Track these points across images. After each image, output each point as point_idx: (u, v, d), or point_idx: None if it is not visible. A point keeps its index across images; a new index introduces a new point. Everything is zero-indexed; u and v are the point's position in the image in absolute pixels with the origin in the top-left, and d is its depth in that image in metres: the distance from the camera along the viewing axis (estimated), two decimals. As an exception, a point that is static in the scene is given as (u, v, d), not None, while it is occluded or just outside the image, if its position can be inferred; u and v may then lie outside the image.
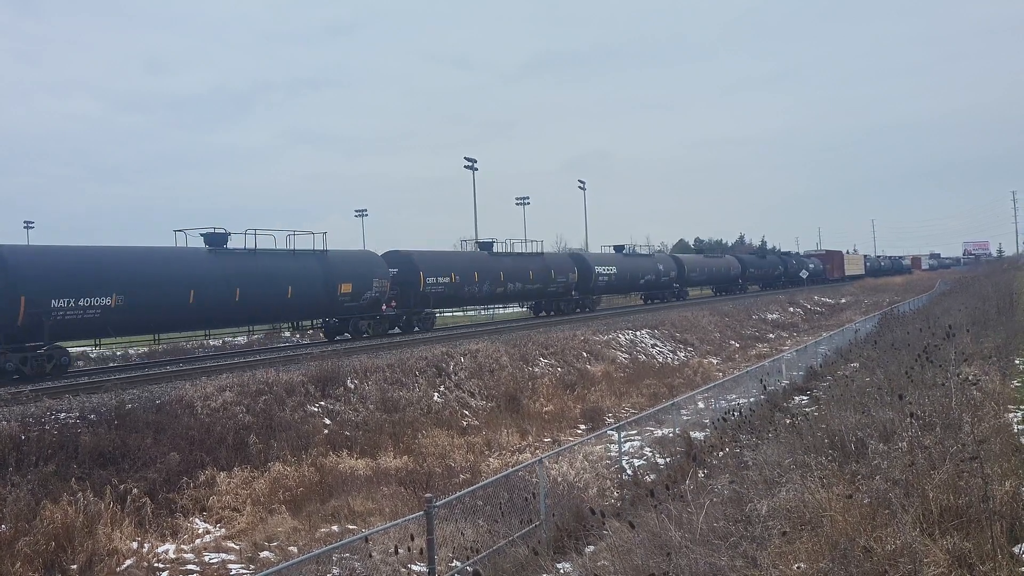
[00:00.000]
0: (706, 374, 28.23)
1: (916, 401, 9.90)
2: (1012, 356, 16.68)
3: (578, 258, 48.63)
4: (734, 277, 71.64)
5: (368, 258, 32.89)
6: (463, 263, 37.50)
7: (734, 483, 9.27)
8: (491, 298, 40.50)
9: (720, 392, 19.07)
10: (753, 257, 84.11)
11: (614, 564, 7.62)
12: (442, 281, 35.24)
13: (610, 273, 49.42)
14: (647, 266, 55.11)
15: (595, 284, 47.70)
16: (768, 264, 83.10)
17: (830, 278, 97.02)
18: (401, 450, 17.19)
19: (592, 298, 48.07)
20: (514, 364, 24.52)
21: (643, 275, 54.19)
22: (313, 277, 28.55)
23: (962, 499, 6.60)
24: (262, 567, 11.15)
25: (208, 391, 17.08)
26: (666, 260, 59.43)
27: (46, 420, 14.54)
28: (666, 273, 57.25)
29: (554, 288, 43.84)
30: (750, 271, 75.84)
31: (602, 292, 50.23)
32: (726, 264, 71.19)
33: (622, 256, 53.86)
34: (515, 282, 40.32)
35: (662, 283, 57.48)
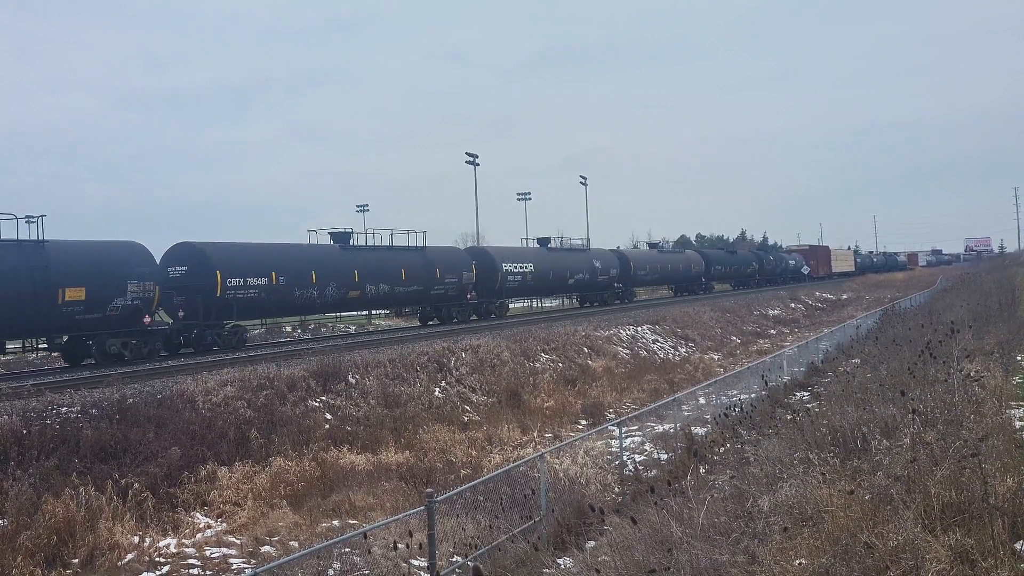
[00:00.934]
0: (707, 370, 28.22)
1: (918, 397, 9.90)
2: (1014, 352, 16.66)
3: (479, 253, 40.27)
4: (696, 276, 63.02)
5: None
6: (291, 259, 28.91)
7: (735, 479, 9.27)
8: (339, 304, 31.29)
9: (721, 388, 19.06)
10: (721, 252, 74.94)
11: (615, 560, 7.62)
12: (253, 283, 26.77)
13: (525, 271, 41.21)
14: (578, 263, 46.57)
15: (504, 285, 39.48)
16: (739, 260, 73.84)
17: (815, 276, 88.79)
18: (402, 445, 17.20)
19: (498, 302, 40.17)
20: (515, 359, 24.52)
21: (573, 273, 45.81)
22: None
23: (964, 495, 6.60)
24: (263, 561, 11.16)
25: (209, 386, 17.09)
26: (605, 256, 50.55)
27: (47, 414, 14.55)
28: (605, 271, 48.96)
29: (440, 291, 35.45)
30: (716, 268, 67.16)
31: (513, 295, 42.52)
32: (686, 261, 62.26)
33: (545, 251, 45.45)
34: (378, 283, 31.85)
35: (599, 283, 48.98)
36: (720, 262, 68.86)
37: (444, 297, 36.31)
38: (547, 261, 43.91)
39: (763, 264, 77.53)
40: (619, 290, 51.76)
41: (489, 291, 38.98)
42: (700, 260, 64.32)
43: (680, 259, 61.61)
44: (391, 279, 32.59)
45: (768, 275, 77.95)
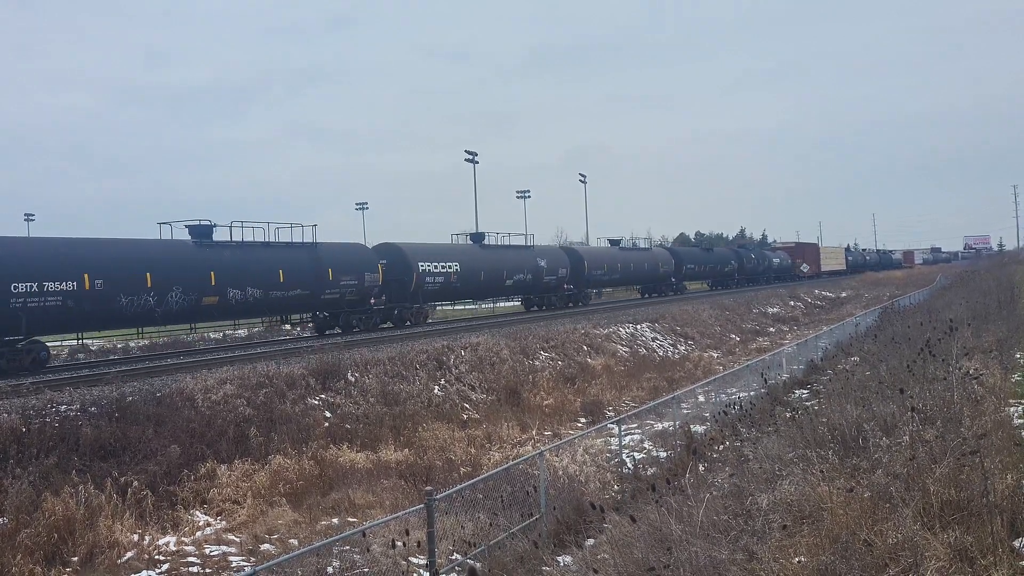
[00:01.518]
0: (706, 368, 28.24)
1: (917, 395, 9.90)
2: (1013, 350, 16.66)
3: (389, 250, 34.03)
4: (664, 276, 57.84)
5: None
6: (113, 258, 22.60)
7: (734, 477, 9.27)
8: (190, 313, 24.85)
9: (720, 386, 19.06)
10: (695, 250, 69.27)
11: (614, 557, 7.62)
12: (54, 289, 20.59)
13: (448, 271, 35.50)
14: (519, 262, 41.24)
15: (421, 287, 34.03)
16: (716, 259, 68.40)
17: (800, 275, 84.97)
18: (402, 443, 17.21)
19: (415, 308, 34.34)
20: (514, 357, 24.53)
21: (512, 274, 40.47)
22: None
23: (963, 493, 6.60)
24: (263, 559, 11.16)
25: (209, 384, 17.09)
26: (553, 254, 45.66)
27: (47, 412, 14.55)
28: (552, 271, 43.77)
29: (334, 295, 29.89)
30: (688, 268, 61.73)
31: (435, 298, 37.54)
32: (652, 259, 56.38)
33: (477, 248, 40.12)
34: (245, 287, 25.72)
35: (545, 284, 43.80)
36: (693, 260, 63.67)
37: (339, 303, 30.44)
38: (479, 260, 38.16)
39: (743, 263, 72.31)
40: (570, 292, 46.30)
41: (402, 295, 33.61)
42: (669, 259, 58.99)
43: (646, 257, 55.76)
44: (264, 282, 26.47)
45: (749, 274, 73.42)
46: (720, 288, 68.73)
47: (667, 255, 59.52)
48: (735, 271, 70.85)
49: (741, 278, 72.12)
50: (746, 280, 72.87)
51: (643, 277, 55.99)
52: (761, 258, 78.26)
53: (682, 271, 60.37)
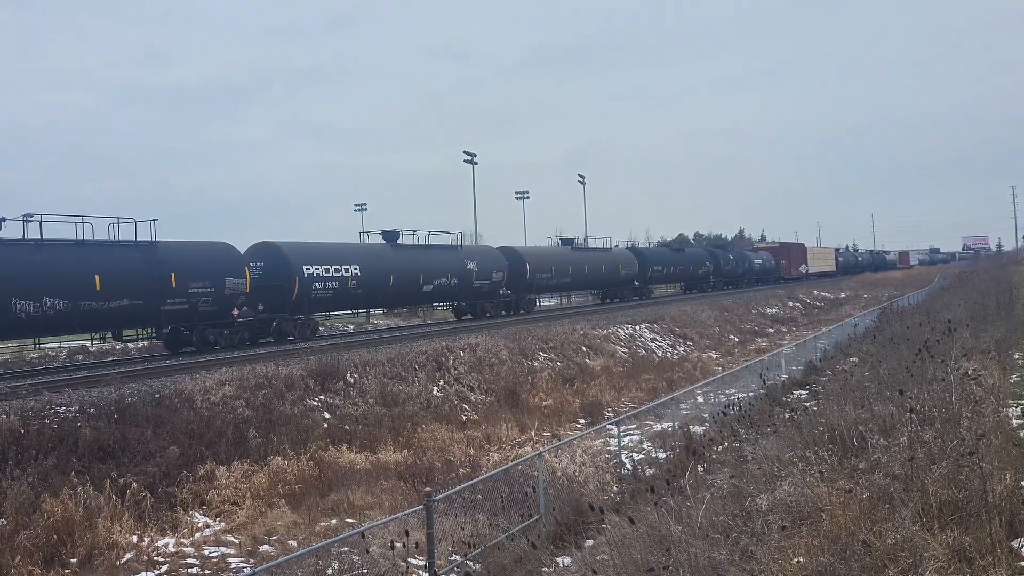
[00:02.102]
0: (705, 368, 28.25)
1: (916, 396, 9.91)
2: (1011, 351, 16.69)
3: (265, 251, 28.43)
4: (626, 279, 52.12)
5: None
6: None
7: (734, 478, 9.28)
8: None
9: (719, 386, 19.08)
10: (665, 251, 62.31)
11: (613, 558, 7.63)
12: None
13: (345, 276, 29.94)
14: (442, 264, 35.39)
15: (308, 295, 28.46)
16: (688, 260, 62.75)
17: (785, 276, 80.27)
18: (401, 444, 17.21)
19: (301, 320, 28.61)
20: (513, 358, 24.53)
21: (432, 278, 34.60)
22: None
23: (962, 493, 6.61)
24: (262, 561, 11.16)
25: (208, 385, 17.09)
26: (487, 256, 39.28)
27: (46, 414, 14.54)
28: (484, 274, 37.90)
29: (179, 306, 24.23)
30: (655, 270, 56.18)
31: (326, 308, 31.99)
32: (611, 261, 50.44)
33: (388, 248, 33.80)
34: (42, 299, 20.51)
35: (476, 290, 37.55)
36: (661, 262, 57.97)
37: (188, 315, 24.70)
38: (387, 262, 32.69)
39: (719, 264, 66.98)
40: (507, 298, 40.60)
41: (283, 304, 28.06)
42: (632, 260, 53.40)
43: (603, 258, 49.90)
44: (74, 292, 21.26)
45: (727, 276, 68.52)
46: (694, 292, 63.83)
47: (629, 256, 53.78)
48: (710, 273, 65.75)
49: (717, 281, 67.23)
50: (723, 283, 68.47)
51: (600, 280, 50.14)
52: (741, 259, 72.90)
53: (648, 273, 55.04)
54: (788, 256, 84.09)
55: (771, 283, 75.41)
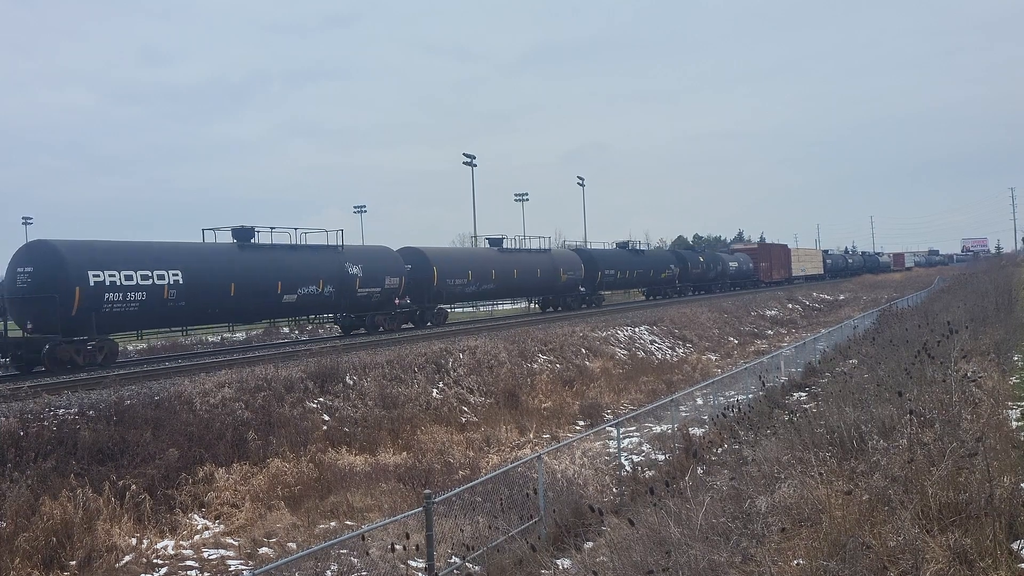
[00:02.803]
0: (705, 370, 28.26)
1: (915, 398, 9.90)
2: (1011, 352, 16.69)
3: (39, 252, 22.00)
4: (569, 285, 45.77)
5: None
6: None
7: (733, 480, 9.28)
8: None
9: (719, 388, 19.09)
10: (620, 252, 54.15)
11: (613, 560, 7.62)
12: None
13: (154, 285, 23.10)
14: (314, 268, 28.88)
15: (99, 308, 21.79)
16: (648, 263, 55.61)
17: (765, 280, 75.00)
18: (400, 446, 17.20)
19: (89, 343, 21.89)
20: (513, 360, 24.52)
21: (299, 285, 27.98)
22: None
23: (961, 495, 6.61)
24: (261, 563, 11.15)
25: (207, 387, 17.08)
26: (380, 257, 32.91)
27: (45, 416, 14.53)
28: (375, 280, 31.43)
29: None
30: (607, 274, 49.81)
31: (130, 326, 24.06)
32: (550, 265, 43.69)
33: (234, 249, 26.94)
34: None
35: (362, 299, 31.23)
36: (615, 265, 51.03)
37: None
38: (228, 265, 25.84)
39: (686, 267, 60.79)
40: (407, 309, 34.01)
41: (65, 321, 21.34)
42: (577, 263, 46.68)
43: (540, 262, 42.78)
44: None
45: (695, 281, 62.43)
46: (659, 297, 58.48)
47: (573, 258, 47.17)
48: (675, 277, 59.24)
49: (685, 286, 61.01)
50: (694, 287, 62.86)
51: (535, 287, 43.70)
52: (713, 261, 66.76)
53: (598, 278, 48.80)
54: (769, 258, 78.24)
55: (749, 288, 70.25)
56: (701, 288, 64.13)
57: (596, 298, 49.89)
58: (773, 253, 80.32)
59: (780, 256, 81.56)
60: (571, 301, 47.14)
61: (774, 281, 76.04)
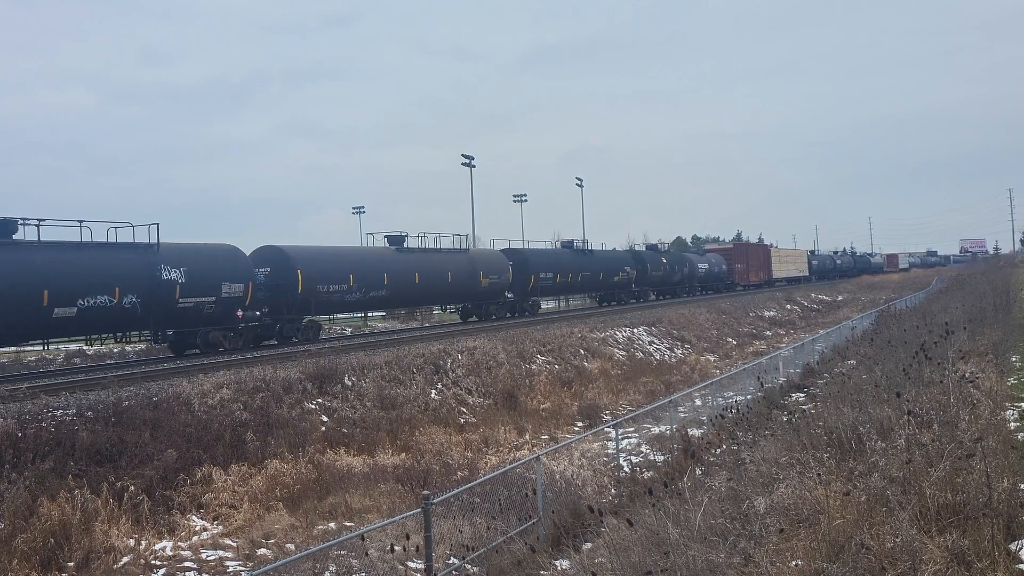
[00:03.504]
0: (703, 371, 28.27)
1: (913, 398, 9.91)
2: (1009, 353, 16.72)
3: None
4: (492, 290, 38.73)
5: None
6: None
7: (731, 480, 9.28)
8: None
9: (717, 389, 19.09)
10: (564, 252, 46.95)
11: (612, 561, 7.62)
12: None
13: None
14: (110, 270, 22.25)
15: None
16: (596, 265, 48.17)
17: (741, 283, 69.98)
18: (399, 447, 17.20)
19: None
20: (511, 361, 24.52)
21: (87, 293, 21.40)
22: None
23: (959, 496, 6.61)
24: (259, 564, 11.14)
25: (205, 388, 17.06)
26: (216, 256, 26.43)
27: (43, 417, 14.51)
28: (207, 286, 25.08)
29: None
30: (543, 279, 42.49)
31: None
32: (465, 267, 36.65)
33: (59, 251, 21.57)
34: None
35: (185, 311, 24.61)
36: (554, 267, 43.63)
37: None
38: None
39: (645, 270, 53.77)
40: (254, 321, 27.50)
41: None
42: (503, 266, 39.43)
43: (453, 263, 36.01)
44: None
45: (657, 284, 56.73)
46: (613, 304, 50.82)
47: (499, 260, 39.55)
48: (631, 281, 52.39)
49: (643, 290, 55.05)
50: (655, 292, 57.60)
51: (444, 293, 36.47)
52: (677, 263, 59.58)
53: (531, 283, 41.54)
54: (745, 259, 72.37)
55: (723, 292, 65.48)
56: (666, 292, 58.95)
57: (530, 305, 43.06)
58: (750, 254, 74.89)
59: (758, 257, 76.23)
60: (495, 309, 39.63)
61: (751, 284, 71.49)
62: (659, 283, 57.22)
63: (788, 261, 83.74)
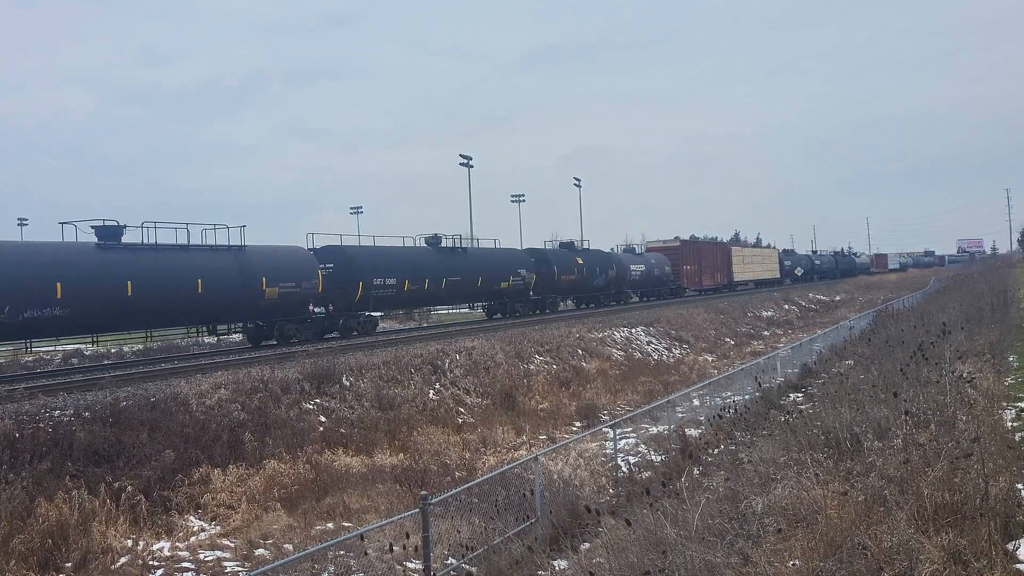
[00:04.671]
0: (701, 371, 28.28)
1: (911, 398, 9.93)
2: (1006, 353, 16.75)
3: None
4: (290, 304, 28.04)
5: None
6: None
7: (729, 480, 9.29)
8: None
9: (715, 389, 19.10)
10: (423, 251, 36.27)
11: (610, 561, 7.63)
12: None
13: None
14: None
15: None
16: (477, 266, 37.71)
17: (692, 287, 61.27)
18: (397, 447, 17.19)
19: None
20: (509, 361, 24.52)
21: None
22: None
23: (956, 496, 6.63)
24: (257, 564, 11.14)
25: (203, 388, 17.05)
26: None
27: (40, 417, 14.50)
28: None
29: None
30: (378, 286, 31.50)
31: None
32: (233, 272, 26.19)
33: None
34: None
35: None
36: (398, 270, 32.90)
37: None
38: None
39: (551, 273, 42.89)
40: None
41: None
42: (309, 269, 29.17)
43: (211, 265, 25.68)
44: None
45: (568, 290, 46.39)
46: (505, 317, 39.85)
47: (303, 263, 29.35)
48: (528, 288, 41.33)
49: (546, 298, 43.05)
50: (573, 298, 48.23)
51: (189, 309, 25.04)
52: (600, 265, 48.12)
53: (359, 293, 30.81)
54: (696, 259, 62.51)
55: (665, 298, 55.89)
56: (586, 300, 48.77)
57: (362, 324, 31.93)
58: (703, 254, 65.48)
59: (713, 257, 67.02)
60: (293, 331, 28.91)
61: (706, 288, 63.61)
62: (571, 288, 46.21)
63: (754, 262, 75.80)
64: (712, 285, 65.00)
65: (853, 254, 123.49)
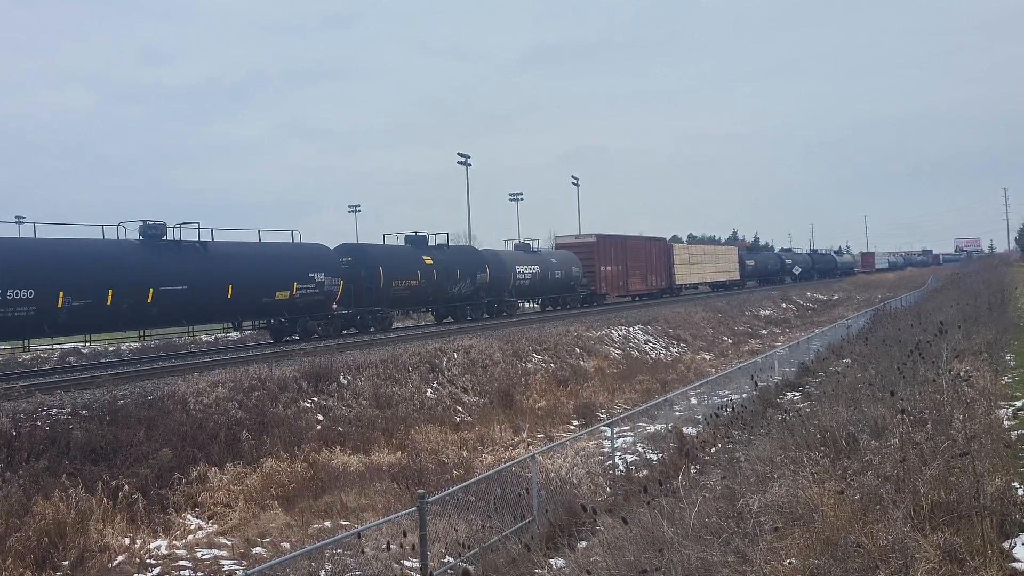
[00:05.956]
0: (699, 370, 28.29)
1: (907, 397, 9.95)
2: (1003, 352, 16.78)
3: None
4: None
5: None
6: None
7: (726, 479, 9.30)
8: None
9: (713, 388, 19.12)
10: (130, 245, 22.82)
11: (606, 560, 7.64)
12: None
13: None
14: None
15: None
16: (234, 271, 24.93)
17: (613, 294, 48.83)
18: (394, 446, 17.19)
19: None
20: (507, 360, 24.52)
21: None
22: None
23: (953, 495, 6.64)
24: (255, 563, 11.13)
25: (200, 387, 17.03)
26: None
27: (37, 416, 14.48)
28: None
29: None
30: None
31: None
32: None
33: None
34: None
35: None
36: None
37: None
38: None
39: (372, 278, 30.96)
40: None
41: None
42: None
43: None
44: None
45: (411, 302, 34.85)
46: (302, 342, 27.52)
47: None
48: (328, 300, 29.32)
49: (364, 312, 31.39)
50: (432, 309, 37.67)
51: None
52: (461, 267, 36.15)
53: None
54: (621, 259, 49.03)
55: (572, 306, 45.00)
56: (455, 313, 37.34)
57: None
58: (629, 251, 50.18)
59: (647, 256, 52.81)
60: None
61: (637, 294, 51.95)
62: (414, 299, 34.79)
63: (705, 261, 62.93)
64: (644, 290, 52.44)
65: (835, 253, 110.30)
